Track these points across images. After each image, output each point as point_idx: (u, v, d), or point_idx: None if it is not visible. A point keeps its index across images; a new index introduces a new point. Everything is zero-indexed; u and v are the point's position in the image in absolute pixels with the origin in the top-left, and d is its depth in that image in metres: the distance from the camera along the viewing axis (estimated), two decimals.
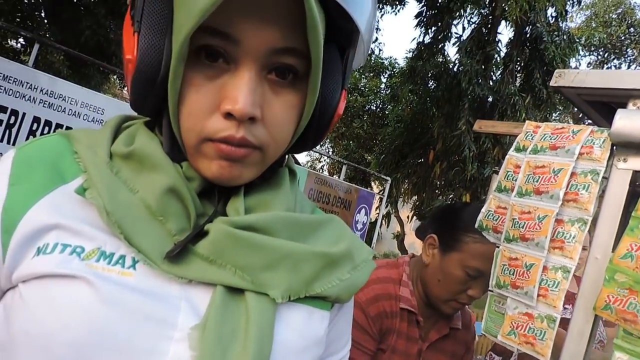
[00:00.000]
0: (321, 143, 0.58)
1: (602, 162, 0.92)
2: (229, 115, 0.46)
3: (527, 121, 1.05)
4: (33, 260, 0.45)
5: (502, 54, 8.87)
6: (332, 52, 0.53)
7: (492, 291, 1.04)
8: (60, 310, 0.42)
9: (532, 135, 1.03)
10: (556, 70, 0.99)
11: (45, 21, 7.56)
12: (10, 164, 0.50)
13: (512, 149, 1.05)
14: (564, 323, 0.96)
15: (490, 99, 8.43)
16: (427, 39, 9.04)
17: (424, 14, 8.87)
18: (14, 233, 0.47)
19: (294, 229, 0.53)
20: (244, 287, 0.47)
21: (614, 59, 14.90)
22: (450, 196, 8.85)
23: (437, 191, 9.25)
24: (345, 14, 0.47)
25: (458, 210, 1.24)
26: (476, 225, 1.07)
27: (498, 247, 1.02)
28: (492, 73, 8.86)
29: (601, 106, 1.04)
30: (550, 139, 0.99)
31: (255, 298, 0.47)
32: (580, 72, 0.95)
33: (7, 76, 3.91)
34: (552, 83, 1.00)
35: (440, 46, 9.05)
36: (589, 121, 1.18)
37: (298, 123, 0.52)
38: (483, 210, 1.06)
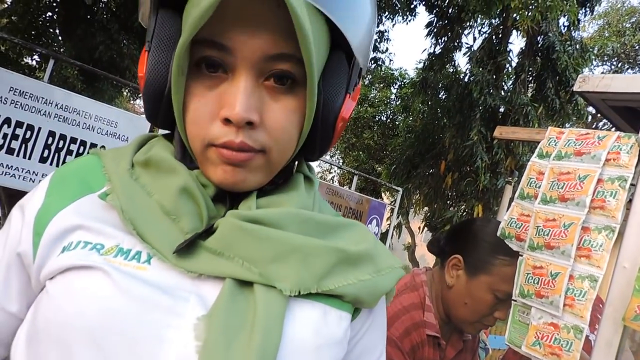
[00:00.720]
0: (331, 153, 0.58)
1: (630, 169, 0.89)
2: (227, 121, 0.48)
3: (549, 127, 1.03)
4: (58, 258, 0.49)
5: (514, 64, 8.83)
6: (337, 58, 0.55)
7: (515, 301, 1.01)
8: (77, 298, 0.46)
9: (555, 141, 1.01)
10: (579, 76, 0.98)
11: (60, 37, 7.69)
12: (49, 180, 0.57)
13: (534, 155, 1.02)
14: (586, 344, 0.93)
15: (502, 109, 8.38)
16: (437, 49, 9.04)
17: (434, 24, 8.89)
18: (43, 234, 0.51)
19: (308, 225, 0.53)
20: (252, 280, 0.48)
21: (628, 68, 14.77)
22: (462, 207, 8.77)
23: (448, 202, 9.18)
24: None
25: (481, 228, 1.19)
26: (498, 233, 1.04)
27: (521, 255, 1.00)
28: (503, 83, 8.82)
29: (626, 111, 1.01)
30: (575, 145, 0.97)
31: (264, 291, 0.48)
32: (606, 77, 0.93)
33: (23, 92, 3.97)
34: (575, 88, 0.98)
35: (450, 56, 9.04)
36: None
37: (301, 127, 0.53)
38: (505, 218, 1.04)
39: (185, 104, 0.51)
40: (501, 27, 8.75)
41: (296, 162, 0.61)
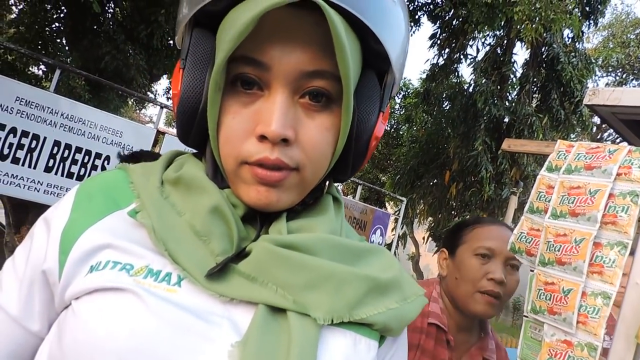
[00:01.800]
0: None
1: None
2: (262, 138, 0.48)
3: (559, 140, 1.02)
4: (86, 278, 0.48)
5: (518, 74, 8.84)
6: (370, 76, 0.55)
7: (527, 317, 1.00)
8: (108, 320, 0.44)
9: (564, 154, 1.00)
10: (589, 89, 0.97)
11: (67, 48, 7.75)
12: (74, 195, 0.55)
13: (543, 168, 1.01)
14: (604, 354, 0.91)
15: (506, 120, 8.37)
16: (441, 60, 9.06)
17: (438, 35, 8.91)
18: (70, 253, 0.50)
19: (338, 251, 0.53)
20: (285, 307, 0.47)
21: (632, 79, 14.76)
22: (467, 217, 8.73)
23: (453, 212, 9.14)
24: (377, 38, 0.50)
25: (457, 223, 1.31)
26: (508, 248, 1.03)
27: (532, 270, 0.98)
28: (508, 93, 8.82)
29: (636, 125, 1.00)
30: (585, 159, 0.96)
31: (298, 318, 0.47)
32: (616, 90, 0.93)
33: (29, 101, 4.00)
34: (585, 101, 0.97)
35: (454, 67, 9.06)
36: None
37: (335, 146, 0.52)
38: (515, 232, 1.02)
39: (220, 122, 0.50)
40: (505, 38, 8.77)
41: (327, 183, 0.60)
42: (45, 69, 8.17)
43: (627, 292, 0.90)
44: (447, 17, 8.67)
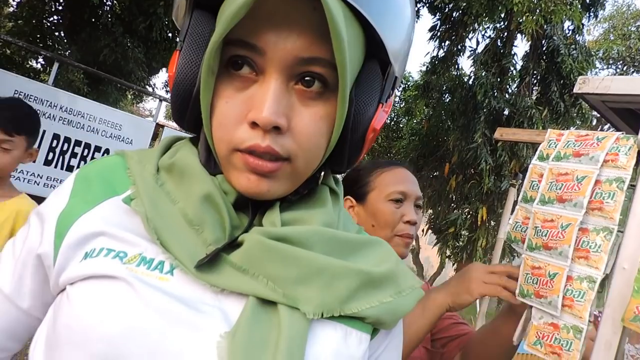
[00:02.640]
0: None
1: (628, 170, 0.89)
2: (254, 125, 0.47)
3: (549, 129, 1.03)
4: (81, 264, 0.49)
5: (518, 67, 8.82)
6: (371, 67, 0.53)
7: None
8: (99, 307, 0.45)
9: (555, 143, 1.01)
10: (579, 77, 0.98)
11: (65, 41, 7.74)
12: (73, 180, 0.56)
13: (534, 157, 1.02)
14: None
15: (506, 112, 8.37)
16: (441, 53, 9.04)
17: (438, 27, 8.89)
18: (65, 237, 0.51)
19: (332, 245, 0.52)
20: (275, 300, 0.47)
21: (633, 71, 14.71)
22: (466, 209, 8.74)
23: (452, 204, 9.16)
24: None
25: (355, 169, 1.25)
26: (505, 238, 1.05)
27: (520, 256, 1.00)
28: (508, 86, 8.81)
29: (626, 113, 1.01)
30: (574, 146, 0.97)
31: (288, 312, 0.47)
32: (605, 79, 0.93)
33: (27, 94, 4.00)
34: (575, 90, 0.98)
35: (454, 59, 9.04)
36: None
37: (330, 136, 0.51)
38: (510, 222, 1.03)
39: (213, 106, 0.49)
40: (505, 30, 8.74)
41: (322, 173, 0.59)
42: (43, 63, 8.17)
43: (614, 277, 0.91)
44: (447, 9, 8.64)
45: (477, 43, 9.24)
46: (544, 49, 8.52)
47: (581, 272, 0.90)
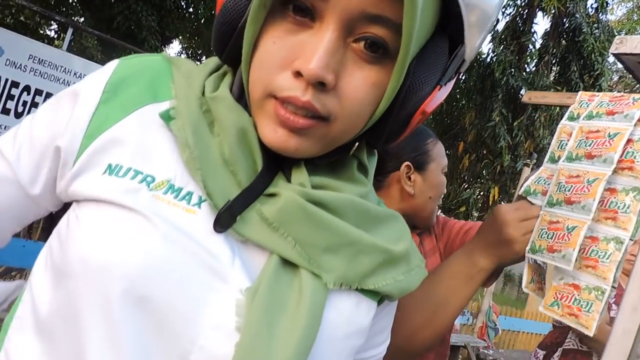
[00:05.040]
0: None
1: None
2: (298, 74, 0.42)
3: (580, 92, 0.98)
4: (103, 178, 0.45)
5: (538, 45, 8.63)
6: (439, 43, 0.48)
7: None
8: (120, 244, 0.42)
9: (587, 103, 0.96)
10: (617, 37, 0.92)
11: (79, 7, 7.70)
12: (111, 72, 0.50)
13: (564, 118, 0.97)
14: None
15: (523, 91, 8.22)
16: None
17: None
18: (96, 139, 0.47)
19: (362, 217, 0.50)
20: (299, 264, 0.46)
21: None
22: (478, 189, 8.69)
23: (465, 184, 9.10)
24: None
25: (412, 136, 1.19)
26: (522, 191, 1.00)
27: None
28: (526, 64, 8.63)
29: None
30: (608, 106, 0.92)
31: (310, 277, 0.46)
32: None
33: (42, 60, 3.98)
34: (611, 50, 0.92)
35: None
36: None
37: (377, 106, 0.46)
38: (532, 177, 0.99)
39: (257, 43, 0.45)
40: (526, 7, 8.53)
41: (356, 144, 0.55)
42: (57, 29, 8.14)
43: (637, 262, 0.87)
44: None
45: (497, 20, 9.04)
46: (565, 27, 8.31)
47: (608, 233, 0.86)
